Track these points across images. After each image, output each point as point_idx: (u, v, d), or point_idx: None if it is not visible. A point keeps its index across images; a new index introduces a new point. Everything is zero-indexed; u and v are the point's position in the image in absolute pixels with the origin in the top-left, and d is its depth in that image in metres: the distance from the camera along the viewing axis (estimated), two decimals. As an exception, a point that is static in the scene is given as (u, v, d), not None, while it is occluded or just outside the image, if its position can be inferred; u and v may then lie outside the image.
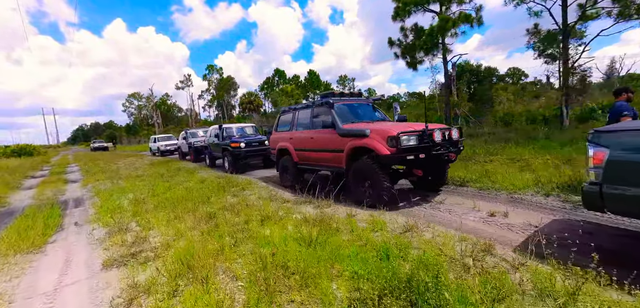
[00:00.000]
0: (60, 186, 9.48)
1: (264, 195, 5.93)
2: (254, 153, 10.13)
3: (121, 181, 9.03)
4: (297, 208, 4.75)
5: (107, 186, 8.37)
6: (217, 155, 11.48)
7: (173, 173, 10.12)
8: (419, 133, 4.27)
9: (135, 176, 9.97)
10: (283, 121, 7.07)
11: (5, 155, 25.98)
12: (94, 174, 11.61)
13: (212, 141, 11.64)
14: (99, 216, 5.23)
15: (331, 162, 5.37)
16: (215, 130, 11.43)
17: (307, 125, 6.08)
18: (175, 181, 8.15)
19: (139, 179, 9.14)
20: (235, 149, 9.83)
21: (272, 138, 7.30)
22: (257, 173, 9.84)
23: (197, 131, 16.33)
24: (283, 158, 6.84)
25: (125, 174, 10.87)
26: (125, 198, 6.65)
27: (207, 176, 8.87)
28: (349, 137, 4.86)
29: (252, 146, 10.11)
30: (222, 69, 55.98)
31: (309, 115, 6.06)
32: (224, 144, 10.37)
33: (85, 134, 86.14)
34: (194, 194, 6.26)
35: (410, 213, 4.27)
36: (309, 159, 6.01)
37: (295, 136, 6.34)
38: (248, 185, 6.93)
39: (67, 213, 6.00)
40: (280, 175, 7.05)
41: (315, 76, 56.26)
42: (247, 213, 4.51)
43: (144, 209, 5.30)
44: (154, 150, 22.46)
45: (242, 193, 6.29)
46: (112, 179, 9.82)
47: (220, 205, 5.22)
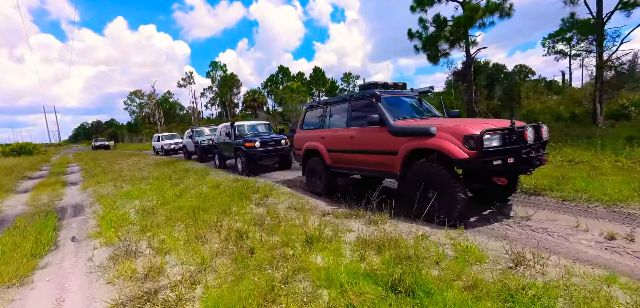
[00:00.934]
0: (58, 189, 8.66)
1: (294, 203, 5.07)
2: (270, 154, 9.27)
3: (125, 184, 8.19)
4: (344, 224, 3.88)
5: (109, 191, 7.54)
6: (228, 155, 10.63)
7: (181, 174, 9.28)
8: (506, 131, 3.38)
9: (140, 178, 9.13)
10: (310, 117, 6.19)
11: (4, 154, 25.31)
12: (95, 175, 10.79)
13: (222, 140, 10.79)
14: (101, 230, 4.39)
15: (378, 166, 4.50)
16: (226, 128, 10.58)
17: (343, 122, 5.21)
18: (185, 185, 7.31)
19: (144, 182, 8.31)
20: (249, 150, 8.97)
21: (297, 137, 6.43)
22: (274, 175, 8.98)
23: (203, 130, 15.50)
24: (311, 160, 5.97)
25: (129, 175, 10.05)
26: (130, 205, 5.81)
27: (220, 178, 8.02)
28: (405, 136, 3.98)
29: (267, 146, 9.25)
30: (225, 66, 55.12)
31: (345, 110, 5.18)
32: (237, 143, 9.51)
33: (87, 132, 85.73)
34: (211, 201, 5.41)
35: (495, 233, 3.39)
36: (346, 162, 5.14)
37: (328, 135, 5.47)
38: (270, 190, 6.06)
39: (64, 223, 5.16)
40: (307, 180, 6.18)
41: (321, 73, 55.27)
42: (284, 230, 3.64)
43: (155, 222, 4.45)
44: (158, 149, 21.67)
45: (267, 200, 5.43)
46: (115, 181, 8.99)
47: (247, 218, 4.36)
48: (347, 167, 5.17)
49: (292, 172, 9.29)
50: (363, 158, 4.74)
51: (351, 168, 5.11)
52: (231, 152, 10.08)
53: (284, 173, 9.30)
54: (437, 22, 14.12)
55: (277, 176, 8.82)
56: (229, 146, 10.10)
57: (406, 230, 3.53)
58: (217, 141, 11.34)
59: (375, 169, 4.60)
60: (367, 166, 4.72)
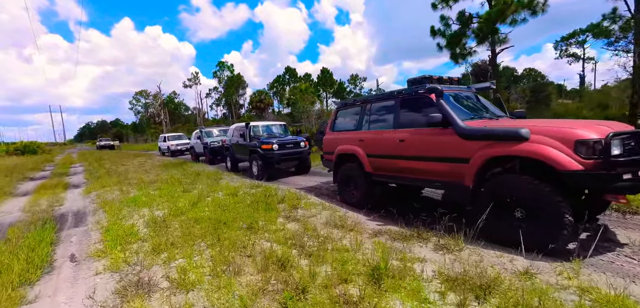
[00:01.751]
0: (59, 192, 8.02)
1: (332, 217, 4.32)
2: (288, 157, 8.54)
3: (131, 189, 7.52)
4: (409, 249, 3.11)
5: (114, 196, 6.87)
6: (242, 158, 9.93)
7: (192, 178, 8.59)
8: (634, 136, 2.61)
9: (148, 181, 8.46)
10: (344, 118, 5.46)
11: (8, 153, 24.97)
12: (99, 177, 10.16)
13: (235, 141, 10.09)
14: (105, 248, 3.68)
15: (439, 176, 3.73)
16: (239, 129, 9.89)
17: (389, 123, 4.46)
18: (199, 191, 6.60)
19: (152, 186, 7.63)
20: (266, 152, 8.25)
21: (328, 140, 5.69)
22: (293, 180, 8.25)
23: (212, 130, 14.85)
24: (345, 166, 5.23)
25: (136, 178, 9.39)
26: (138, 214, 5.11)
27: (236, 184, 7.30)
28: (481, 140, 3.22)
29: (285, 148, 8.53)
30: (232, 66, 54.71)
31: (392, 109, 4.43)
32: (252, 145, 8.80)
33: (92, 132, 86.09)
34: (232, 212, 4.69)
35: (623, 270, 2.60)
36: (391, 169, 4.38)
37: (369, 138, 4.72)
38: (297, 200, 5.32)
39: (62, 236, 4.48)
40: (339, 188, 5.43)
41: (329, 74, 54.58)
42: (335, 257, 2.90)
43: (169, 239, 3.73)
44: (164, 150, 21.11)
45: (297, 213, 4.69)
46: (121, 184, 8.33)
47: (280, 236, 3.63)
48: (393, 175, 4.41)
49: (312, 177, 8.55)
50: (417, 166, 3.98)
51: (398, 177, 4.35)
52: (245, 154, 9.37)
53: (303, 178, 8.57)
54: (461, 19, 13.34)
55: (297, 181, 8.09)
56: (243, 148, 9.40)
57: (495, 261, 2.76)
58: (229, 142, 10.65)
59: (433, 179, 3.83)
60: (422, 175, 3.95)
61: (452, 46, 13.34)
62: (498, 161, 3.19)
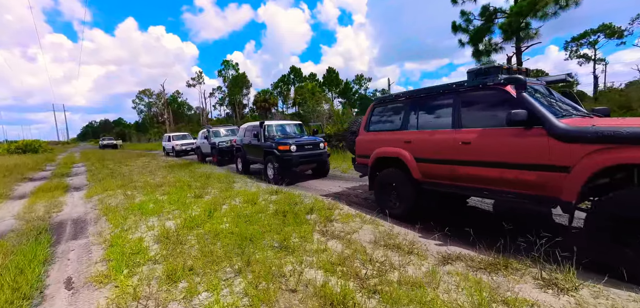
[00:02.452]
0: (59, 196, 7.40)
1: (379, 234, 3.63)
2: (307, 159, 7.87)
3: (137, 193, 6.88)
4: (507, 287, 2.41)
5: (119, 201, 6.22)
6: (255, 160, 9.27)
7: (202, 181, 7.94)
8: None
9: (154, 184, 7.82)
10: (382, 116, 4.77)
11: (9, 151, 24.54)
12: (101, 179, 9.54)
13: (248, 142, 9.44)
14: (108, 272, 3.02)
15: (523, 187, 3.03)
16: (252, 129, 9.23)
17: (445, 121, 3.77)
18: (212, 197, 5.94)
19: (160, 190, 6.98)
20: (284, 154, 7.58)
21: (362, 142, 5.01)
22: (312, 185, 7.57)
23: (219, 130, 14.22)
24: (385, 172, 4.54)
25: (141, 181, 8.76)
26: (146, 225, 4.45)
27: (253, 189, 6.63)
28: (589, 143, 2.52)
29: (304, 150, 7.86)
30: (237, 65, 54.23)
31: (450, 105, 3.74)
32: (267, 146, 8.14)
33: (95, 131, 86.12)
34: (256, 225, 4.02)
35: None
36: (452, 176, 3.68)
37: (418, 139, 4.03)
38: (327, 210, 4.63)
39: (59, 251, 3.84)
40: (377, 196, 4.74)
41: (335, 74, 53.88)
42: (409, 295, 2.21)
43: (187, 261, 3.06)
44: (168, 150, 20.54)
45: (332, 226, 4.00)
46: (125, 187, 7.70)
47: (323, 259, 2.95)
48: (451, 184, 3.71)
49: (333, 182, 7.86)
50: (487, 173, 3.28)
51: (458, 186, 3.65)
52: (259, 156, 8.71)
53: (323, 182, 7.89)
54: (485, 14, 12.62)
55: (318, 186, 7.41)
56: (257, 149, 8.74)
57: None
58: (240, 142, 10.00)
59: (511, 190, 3.13)
60: (495, 185, 3.25)
61: (475, 42, 12.62)
62: (606, 171, 2.49)
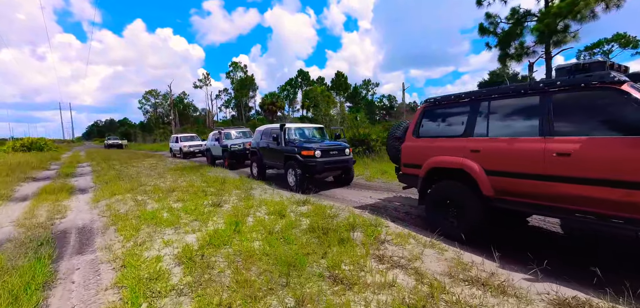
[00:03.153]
0: (63, 199, 6.87)
1: (443, 260, 2.99)
2: (333, 166, 7.26)
3: (148, 199, 6.31)
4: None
5: (128, 207, 5.66)
6: (273, 165, 8.68)
7: (216, 187, 7.36)
8: None
9: (166, 189, 7.25)
10: (437, 118, 4.15)
11: (14, 149, 24.28)
12: (109, 181, 9.02)
13: (264, 145, 8.86)
14: (122, 304, 2.43)
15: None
16: (270, 132, 8.65)
17: (529, 127, 3.13)
18: (232, 207, 5.35)
19: (172, 196, 6.41)
20: (307, 160, 6.98)
21: (411, 148, 4.38)
22: (337, 193, 6.94)
23: (230, 132, 13.69)
24: (443, 185, 3.91)
25: (151, 184, 8.21)
26: (162, 239, 3.86)
27: (276, 198, 6.02)
28: None
29: (329, 156, 7.26)
30: (246, 67, 54.04)
31: (536, 108, 3.11)
32: (289, 151, 7.55)
33: (100, 130, 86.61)
34: (292, 245, 3.41)
35: None
36: (540, 194, 3.02)
37: (491, 148, 3.39)
38: (372, 228, 4.00)
39: (61, 269, 3.26)
40: (430, 213, 4.10)
41: (343, 78, 53.38)
42: None
43: (221, 296, 2.45)
44: (175, 151, 20.08)
45: (387, 250, 3.36)
46: (134, 191, 7.15)
47: (396, 300, 2.31)
48: (537, 203, 3.06)
49: (359, 191, 7.22)
50: (598, 194, 2.62)
51: (548, 206, 3.00)
52: (278, 161, 8.12)
53: (349, 191, 7.25)
54: (514, 16, 11.98)
55: (345, 195, 6.78)
56: (276, 154, 8.15)
57: None
58: (256, 146, 9.42)
59: (632, 216, 2.47)
60: (606, 208, 2.60)
61: (503, 45, 11.98)
62: None
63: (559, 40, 10.56)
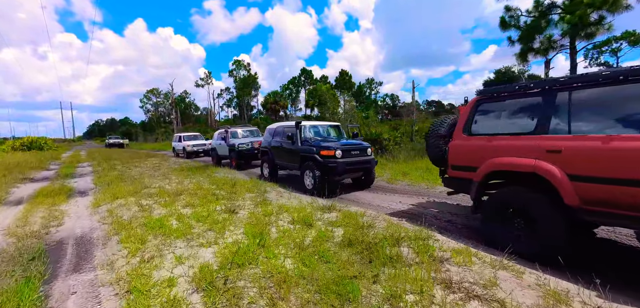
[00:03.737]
0: (60, 203, 6.31)
1: (525, 288, 2.40)
2: (355, 167, 6.67)
3: (154, 204, 5.74)
4: None
5: (132, 213, 5.09)
6: (286, 165, 8.09)
7: (227, 189, 6.79)
8: None
9: (173, 192, 6.67)
10: (493, 112, 3.55)
11: (14, 148, 23.81)
12: (110, 183, 8.46)
13: (276, 144, 8.28)
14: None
15: None
16: (285, 130, 8.06)
17: (631, 122, 2.52)
18: (248, 213, 4.77)
19: (181, 201, 5.84)
20: (327, 160, 6.39)
21: (463, 148, 3.78)
22: (359, 197, 6.35)
23: (237, 130, 13.12)
24: (505, 192, 3.31)
25: (155, 186, 7.65)
26: (173, 253, 3.29)
27: (295, 203, 5.43)
28: None
29: (350, 156, 6.67)
30: (249, 65, 53.41)
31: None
32: (306, 151, 6.96)
33: (101, 129, 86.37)
34: (332, 266, 2.82)
35: None
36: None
37: (581, 148, 2.78)
38: (416, 240, 3.41)
39: (54, 292, 2.71)
40: (489, 225, 3.49)
41: (348, 77, 52.73)
42: None
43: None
44: (178, 151, 19.53)
45: (449, 271, 2.77)
46: (138, 194, 6.59)
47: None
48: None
49: (383, 195, 6.62)
50: None
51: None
52: (293, 162, 7.53)
53: (371, 195, 6.65)
54: (538, 8, 11.35)
55: (368, 199, 6.18)
56: (290, 154, 7.56)
57: None
58: (267, 145, 8.84)
59: None
60: None
61: (527, 39, 11.35)
62: None
63: (591, 32, 9.91)
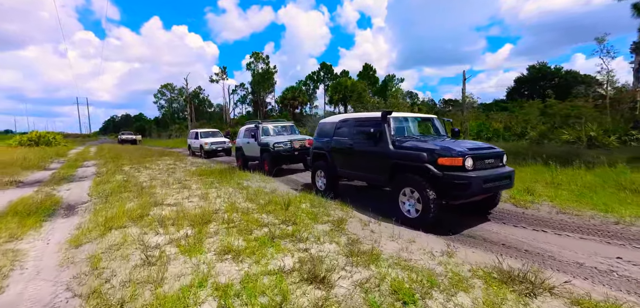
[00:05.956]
0: (25, 232, 4.12)
1: None
2: (494, 184, 4.14)
3: (169, 245, 3.42)
4: None
5: (132, 267, 2.76)
6: (357, 175, 5.64)
7: (278, 213, 4.42)
8: None
9: (198, 218, 4.32)
10: None
11: (21, 144, 22.51)
12: (110, 194, 6.28)
13: (343, 144, 5.83)
14: None
15: None
16: (360, 123, 5.60)
17: None
18: (353, 282, 2.34)
19: (210, 236, 3.50)
20: (451, 174, 3.90)
21: None
22: (485, 230, 3.83)
23: (268, 126, 10.75)
24: None
25: (169, 202, 5.39)
26: None
27: (415, 259, 2.98)
28: None
29: (485, 167, 4.15)
30: (268, 57, 51.34)
31: None
32: (404, 156, 4.49)
33: (116, 125, 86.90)
34: None
35: None
36: None
37: None
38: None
39: None
40: None
41: (372, 71, 49.78)
42: None
43: None
44: (195, 149, 17.46)
45: None
46: (143, 219, 4.33)
47: None
48: None
49: (530, 230, 4.05)
50: None
51: None
52: (373, 171, 5.07)
53: (509, 229, 4.11)
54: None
55: (511, 237, 3.66)
56: (371, 160, 5.10)
57: None
58: (323, 145, 6.42)
59: None
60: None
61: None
62: None
63: None
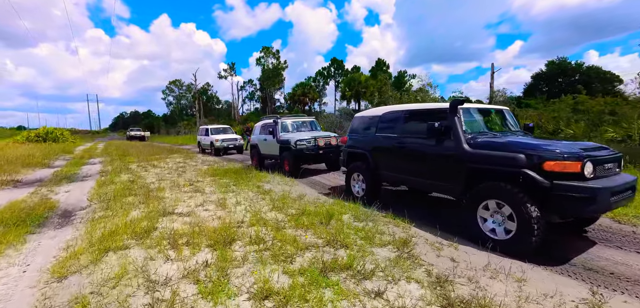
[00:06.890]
0: (18, 240, 3.23)
1: None
2: (619, 198, 3.07)
3: (182, 279, 2.48)
4: None
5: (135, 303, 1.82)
6: (408, 180, 4.62)
7: (318, 228, 3.46)
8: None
9: (219, 236, 3.39)
10: None
11: (28, 139, 22.16)
12: (111, 199, 5.43)
13: (390, 143, 4.82)
14: None
15: None
16: (414, 115, 4.58)
17: None
18: None
19: (237, 263, 2.55)
20: (563, 184, 2.86)
21: None
22: (599, 257, 2.80)
23: (287, 122, 9.80)
24: None
25: (180, 211, 4.49)
26: None
27: None
28: None
29: (605, 173, 3.08)
30: (278, 52, 50.48)
31: None
32: (489, 159, 3.46)
33: (125, 122, 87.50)
34: None
35: None
36: None
37: None
38: None
39: None
40: None
41: (385, 66, 48.34)
42: None
43: None
44: (205, 146, 16.66)
45: None
46: (149, 236, 3.42)
47: None
48: None
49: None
50: None
51: None
52: (434, 177, 4.04)
53: (626, 256, 3.06)
54: None
55: None
56: (433, 163, 4.08)
57: None
58: (361, 144, 5.43)
59: None
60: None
61: None
62: None
63: None
